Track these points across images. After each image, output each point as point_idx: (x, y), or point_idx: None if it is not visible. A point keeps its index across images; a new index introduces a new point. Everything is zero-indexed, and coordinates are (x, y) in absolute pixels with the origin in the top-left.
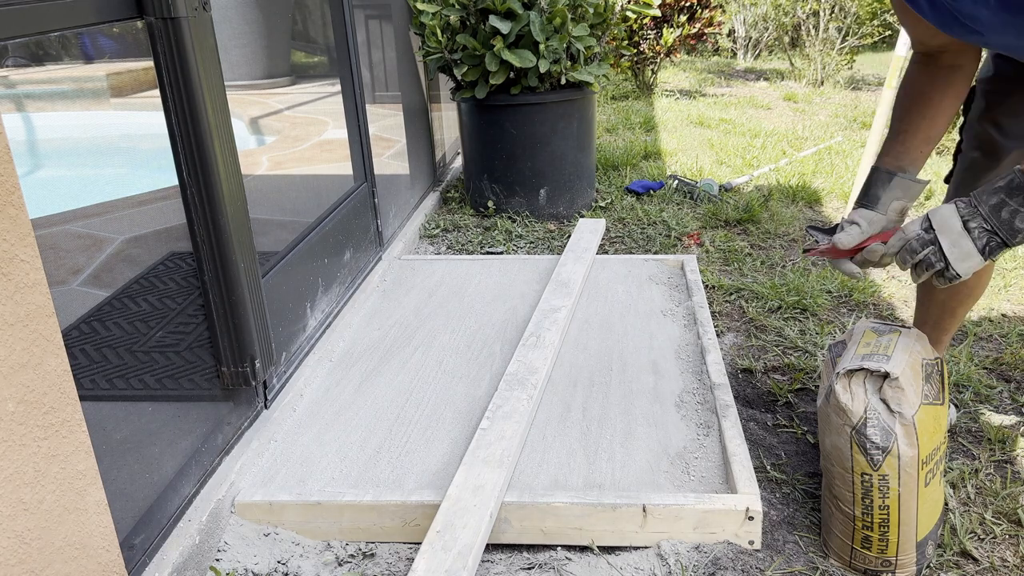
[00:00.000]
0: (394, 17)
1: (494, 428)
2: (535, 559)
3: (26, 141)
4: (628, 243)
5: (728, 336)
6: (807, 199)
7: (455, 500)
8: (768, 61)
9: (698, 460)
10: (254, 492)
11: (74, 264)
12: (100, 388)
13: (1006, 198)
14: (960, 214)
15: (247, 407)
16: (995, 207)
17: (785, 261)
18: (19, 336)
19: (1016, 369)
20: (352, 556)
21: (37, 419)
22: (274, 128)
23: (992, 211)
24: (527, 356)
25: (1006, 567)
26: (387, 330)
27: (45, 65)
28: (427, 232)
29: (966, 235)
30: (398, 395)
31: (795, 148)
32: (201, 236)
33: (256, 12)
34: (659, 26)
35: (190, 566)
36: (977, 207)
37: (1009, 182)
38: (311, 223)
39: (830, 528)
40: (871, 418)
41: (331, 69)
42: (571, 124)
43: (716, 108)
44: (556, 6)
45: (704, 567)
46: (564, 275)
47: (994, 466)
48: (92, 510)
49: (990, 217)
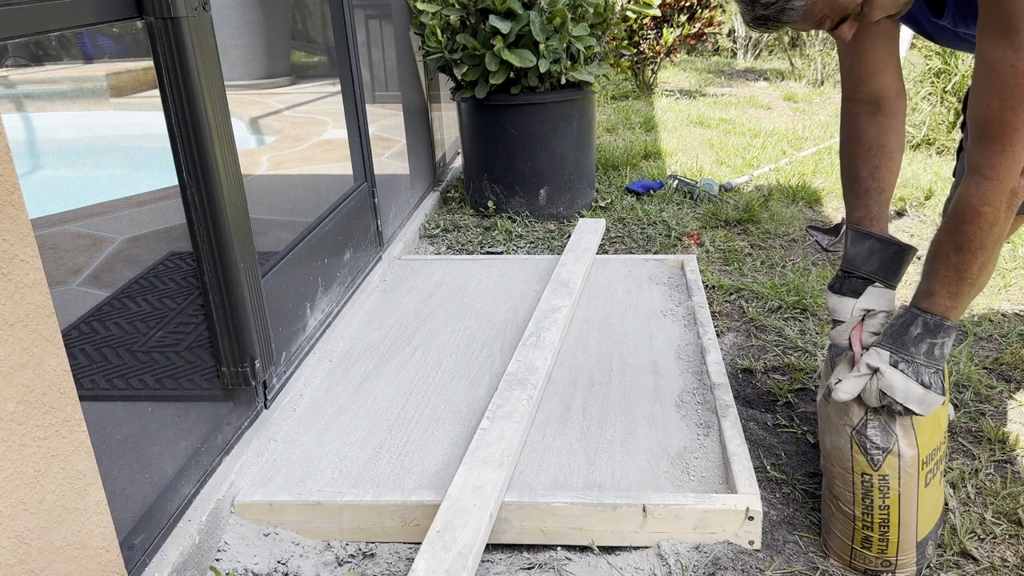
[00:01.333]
0: (394, 17)
1: (494, 428)
2: (535, 559)
3: (26, 141)
4: (628, 243)
5: (728, 336)
6: (807, 199)
7: (455, 500)
8: (768, 61)
9: (698, 460)
10: (254, 492)
11: (74, 264)
12: (100, 388)
13: (932, 340)
14: (909, 374)
15: (247, 407)
16: (928, 352)
17: (785, 261)
18: (19, 336)
19: (1016, 369)
20: (352, 556)
21: (37, 419)
22: (274, 128)
23: (928, 356)
24: (527, 356)
25: (1006, 567)
26: (387, 330)
27: (45, 65)
28: (427, 232)
29: (928, 391)
30: (398, 395)
31: (795, 148)
32: (201, 236)
33: (256, 12)
34: (659, 26)
35: (190, 566)
36: (914, 360)
37: (924, 325)
38: (311, 223)
39: (830, 528)
40: (872, 418)
41: (331, 69)
42: (571, 124)
43: (716, 108)
44: (556, 6)
45: (704, 567)
46: (564, 275)
47: (994, 466)
48: (92, 510)
49: (929, 362)
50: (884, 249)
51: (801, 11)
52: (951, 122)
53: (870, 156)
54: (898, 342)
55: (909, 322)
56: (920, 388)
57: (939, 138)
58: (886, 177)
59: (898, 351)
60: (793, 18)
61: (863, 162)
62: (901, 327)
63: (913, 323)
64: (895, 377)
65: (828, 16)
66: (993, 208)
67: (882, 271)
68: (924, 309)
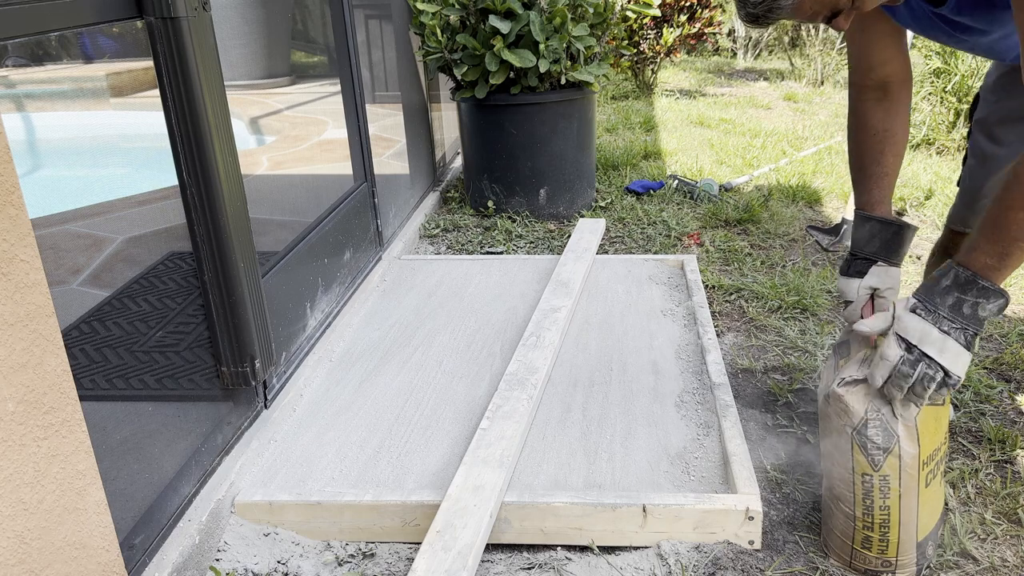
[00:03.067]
0: (394, 17)
1: (494, 428)
2: (535, 559)
3: (26, 141)
4: (628, 243)
5: (728, 336)
6: (807, 199)
7: (455, 500)
8: (768, 61)
9: (698, 460)
10: (254, 492)
11: (74, 264)
12: (100, 388)
13: (961, 295)
14: (929, 320)
15: (247, 407)
16: (954, 306)
17: (785, 261)
18: (19, 336)
19: (1016, 369)
20: (352, 556)
21: (37, 419)
22: (274, 128)
23: (953, 311)
24: (527, 356)
25: (1006, 567)
26: (387, 330)
27: (45, 65)
28: (427, 232)
29: (948, 337)
30: (398, 395)
31: (795, 148)
32: (201, 236)
33: (256, 12)
34: (659, 26)
35: (190, 566)
36: (937, 311)
37: (955, 278)
38: (311, 223)
39: (830, 528)
40: (872, 418)
41: (331, 69)
42: (571, 124)
43: (716, 108)
44: (556, 6)
45: (704, 567)
46: (564, 275)
47: (994, 466)
48: (92, 510)
49: (955, 317)
50: (884, 230)
51: (790, 8)
52: (951, 122)
53: (875, 141)
54: (927, 292)
55: (943, 274)
56: (938, 332)
57: (939, 138)
58: (890, 162)
59: (923, 300)
60: (782, 15)
61: (868, 148)
62: (935, 279)
63: (945, 275)
64: (910, 319)
65: (818, 12)
66: None
67: (884, 251)
68: (960, 263)
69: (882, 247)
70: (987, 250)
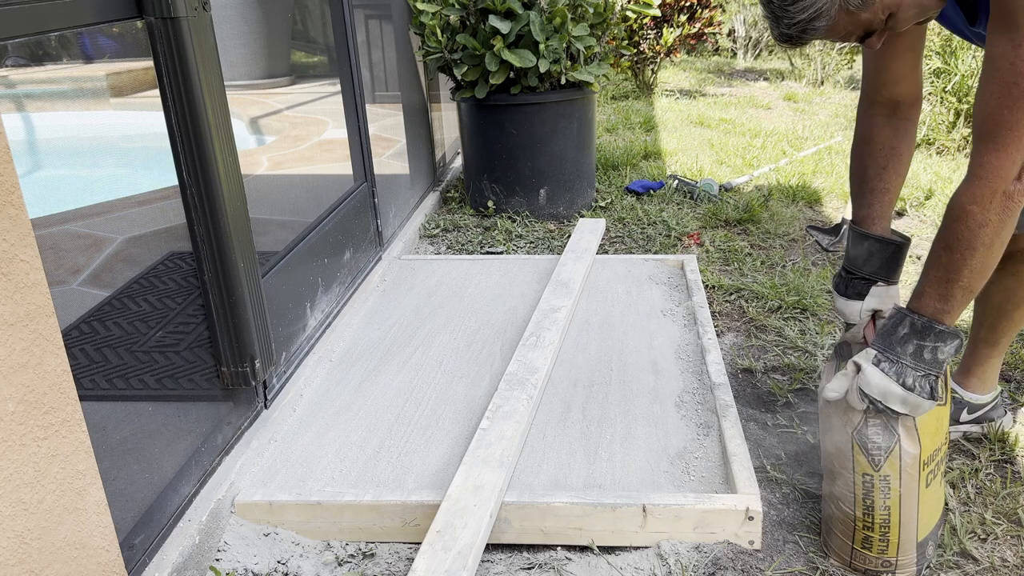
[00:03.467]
0: (394, 17)
1: (494, 428)
2: (535, 559)
3: (26, 141)
4: (628, 243)
5: (728, 336)
6: (807, 199)
7: (455, 500)
8: (768, 61)
9: (698, 460)
10: (254, 492)
11: (74, 264)
12: (100, 388)
13: (920, 342)
14: (891, 374)
15: (247, 407)
16: (915, 354)
17: (785, 261)
18: (19, 336)
19: (1016, 369)
20: (352, 556)
21: (37, 419)
22: (274, 128)
23: (915, 359)
24: (527, 356)
25: (1006, 567)
26: (387, 330)
27: (45, 65)
28: (427, 232)
29: (910, 393)
30: (398, 395)
31: (795, 148)
32: (201, 236)
33: (256, 12)
34: (659, 26)
35: (190, 566)
36: (900, 360)
37: (912, 325)
38: (311, 223)
39: (830, 528)
40: (873, 418)
41: (331, 69)
42: (571, 124)
43: (716, 108)
44: (556, 6)
45: (704, 567)
46: (564, 275)
47: (994, 466)
48: (92, 510)
49: (918, 364)
50: (883, 249)
51: (823, 29)
52: (951, 122)
53: (879, 157)
54: (886, 341)
55: (898, 322)
56: (900, 388)
57: (939, 138)
58: (892, 179)
59: (884, 350)
60: (816, 36)
61: (872, 162)
62: (891, 327)
63: (901, 323)
64: (872, 375)
65: (852, 32)
66: (981, 208)
67: (883, 270)
68: (913, 309)
69: (881, 267)
70: (935, 294)
